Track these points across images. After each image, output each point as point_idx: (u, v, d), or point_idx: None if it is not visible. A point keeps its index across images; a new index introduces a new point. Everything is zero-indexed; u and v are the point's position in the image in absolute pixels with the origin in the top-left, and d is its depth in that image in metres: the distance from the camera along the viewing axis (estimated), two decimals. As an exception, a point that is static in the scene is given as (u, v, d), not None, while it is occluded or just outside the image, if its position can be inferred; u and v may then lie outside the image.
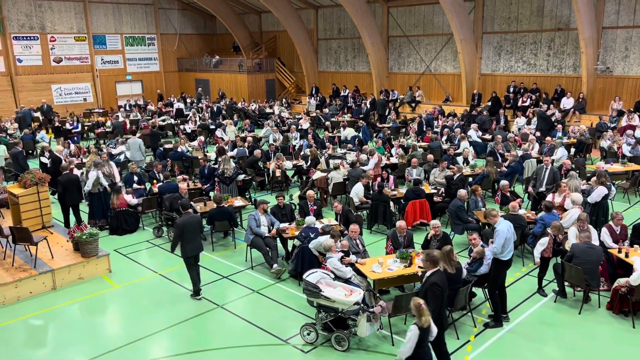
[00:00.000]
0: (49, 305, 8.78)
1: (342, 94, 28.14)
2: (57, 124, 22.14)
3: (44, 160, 15.85)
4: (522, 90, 22.18)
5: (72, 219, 11.88)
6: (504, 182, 11.36)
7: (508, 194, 11.26)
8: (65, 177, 11.77)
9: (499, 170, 13.68)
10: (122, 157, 16.04)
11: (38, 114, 24.95)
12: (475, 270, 8.06)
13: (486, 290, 8.20)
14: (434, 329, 5.82)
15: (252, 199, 13.18)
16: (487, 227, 10.20)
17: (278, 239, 10.13)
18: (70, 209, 11.97)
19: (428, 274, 6.50)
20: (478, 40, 23.76)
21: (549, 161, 12.38)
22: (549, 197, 10.79)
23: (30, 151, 19.41)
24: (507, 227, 7.75)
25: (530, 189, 12.34)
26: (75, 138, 20.36)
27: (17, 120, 22.74)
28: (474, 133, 18.28)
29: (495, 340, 7.54)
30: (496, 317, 7.89)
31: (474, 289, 8.23)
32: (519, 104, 21.68)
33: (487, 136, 18.72)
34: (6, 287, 8.76)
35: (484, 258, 8.04)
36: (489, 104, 22.15)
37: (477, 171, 13.81)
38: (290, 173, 15.35)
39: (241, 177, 13.50)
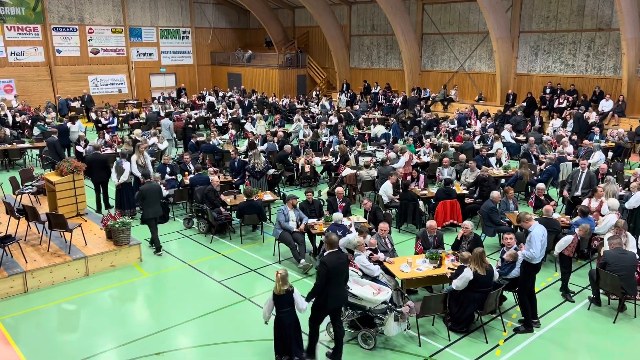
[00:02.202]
0: (82, 291, 8.99)
1: (373, 90, 27.98)
2: (92, 115, 22.64)
3: (80, 149, 16.23)
4: (558, 92, 21.64)
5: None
6: (539, 185, 11.09)
7: (542, 197, 11.01)
8: (92, 156, 12.72)
9: (532, 172, 13.40)
10: (155, 148, 16.33)
11: (75, 104, 25.54)
12: (507, 273, 7.92)
13: (516, 294, 8.04)
14: (301, 303, 6.47)
15: (281, 194, 13.22)
16: (519, 230, 10.01)
17: (306, 234, 10.13)
18: (101, 188, 12.69)
19: (325, 253, 6.76)
20: (515, 39, 23.28)
21: (585, 165, 12.05)
22: (585, 202, 10.50)
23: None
24: (542, 232, 7.57)
25: (565, 192, 12.04)
26: (111, 132, 20.77)
27: (54, 110, 23.31)
28: (507, 134, 17.94)
29: (525, 346, 7.39)
30: (527, 322, 7.73)
31: (504, 293, 8.07)
32: (555, 105, 21.16)
33: (521, 137, 18.34)
34: (42, 271, 9.00)
35: (517, 259, 7.90)
36: (524, 104, 21.69)
37: (510, 173, 13.55)
38: (319, 169, 15.34)
39: (271, 171, 13.56)
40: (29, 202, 12.05)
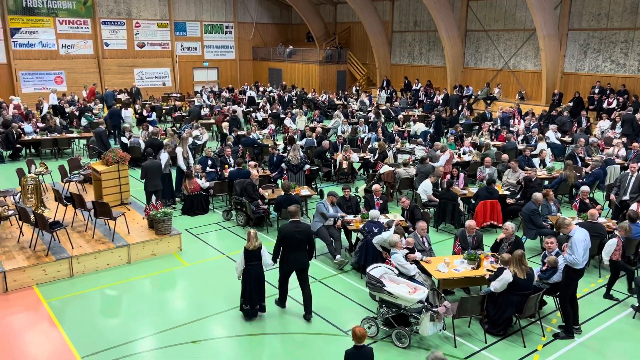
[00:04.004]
0: (124, 277, 9.27)
1: (413, 87, 27.68)
2: (137, 107, 23.26)
3: (124, 140, 16.71)
4: (608, 92, 20.85)
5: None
6: (584, 188, 10.76)
7: (587, 201, 10.67)
8: (150, 140, 14.48)
9: (578, 174, 12.99)
10: (202, 139, 16.77)
11: (121, 96, 26.28)
12: (548, 277, 7.72)
13: (557, 299, 7.83)
14: (267, 258, 7.72)
15: (318, 189, 13.27)
16: (561, 234, 9.73)
17: (342, 230, 10.13)
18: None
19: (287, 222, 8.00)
20: (563, 37, 22.55)
21: (635, 168, 11.58)
22: (633, 207, 10.11)
23: (112, 131, 20.46)
24: (583, 236, 7.35)
25: (612, 196, 11.62)
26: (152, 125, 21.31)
27: (100, 101, 24.06)
28: (552, 134, 17.42)
29: (565, 353, 7.19)
30: (567, 328, 7.52)
31: (544, 297, 7.87)
32: (604, 105, 20.41)
33: (567, 138, 17.79)
34: (86, 257, 9.34)
35: (558, 265, 7.69)
36: (571, 104, 21.00)
37: (555, 174, 13.17)
38: (357, 165, 15.29)
39: (307, 166, 13.60)
40: (76, 190, 12.50)
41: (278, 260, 7.89)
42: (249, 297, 7.74)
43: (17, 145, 17.11)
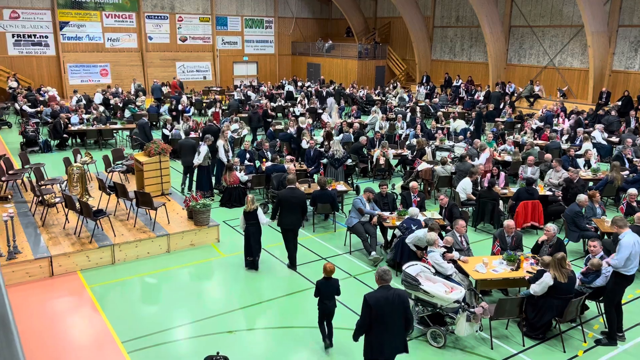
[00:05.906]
0: (163, 266, 9.49)
1: (454, 84, 27.23)
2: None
3: (166, 132, 17.07)
4: (659, 91, 20.01)
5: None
6: (632, 191, 10.36)
7: (634, 204, 10.27)
8: (207, 127, 15.36)
9: (625, 176, 12.51)
10: (241, 133, 16.96)
11: (164, 89, 26.83)
12: (591, 281, 7.48)
13: (601, 304, 7.59)
14: (262, 218, 9.03)
15: (354, 185, 13.22)
16: (606, 237, 9.42)
17: (378, 227, 10.08)
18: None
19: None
20: (612, 33, 21.74)
21: (687, 171, 11.09)
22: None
23: (154, 123, 20.93)
24: (633, 240, 7.07)
25: (661, 200, 11.14)
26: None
27: (143, 93, 24.64)
28: (598, 134, 16.84)
29: (607, 360, 6.98)
30: (610, 335, 7.28)
31: (586, 302, 7.63)
32: (655, 105, 19.60)
33: (614, 139, 17.16)
34: (128, 245, 9.60)
35: (601, 270, 7.45)
36: (619, 103, 20.25)
37: (600, 176, 12.74)
38: (394, 162, 15.16)
39: (348, 161, 13.56)
40: (119, 180, 12.82)
41: (276, 219, 9.23)
42: (250, 250, 9.14)
43: (64, 135, 17.72)
